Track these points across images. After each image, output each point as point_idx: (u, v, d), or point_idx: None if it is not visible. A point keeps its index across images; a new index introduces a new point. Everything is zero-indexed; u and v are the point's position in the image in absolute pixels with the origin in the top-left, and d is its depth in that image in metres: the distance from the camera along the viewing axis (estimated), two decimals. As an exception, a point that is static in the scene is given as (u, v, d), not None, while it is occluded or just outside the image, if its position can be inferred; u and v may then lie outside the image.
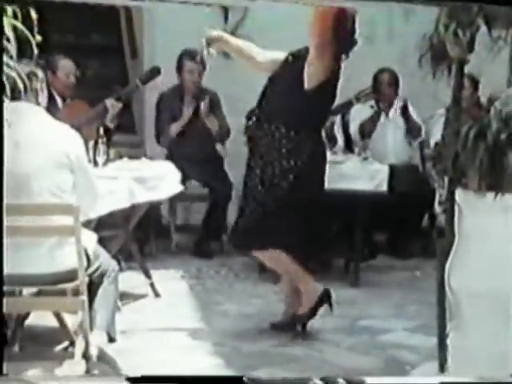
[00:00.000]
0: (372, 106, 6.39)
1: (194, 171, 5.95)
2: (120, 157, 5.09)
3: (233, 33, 6.43)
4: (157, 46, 6.59)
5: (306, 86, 4.28)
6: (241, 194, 4.61)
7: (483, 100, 3.43)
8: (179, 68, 6.18)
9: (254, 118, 4.43)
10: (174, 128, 6.16)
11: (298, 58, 4.35)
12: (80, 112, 5.56)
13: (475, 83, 6.07)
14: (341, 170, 5.44)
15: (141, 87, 5.64)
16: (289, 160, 4.29)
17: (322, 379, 3.32)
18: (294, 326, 4.45)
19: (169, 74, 6.17)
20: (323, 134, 5.80)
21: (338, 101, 5.47)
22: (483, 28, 3.37)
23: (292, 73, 4.34)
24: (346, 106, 5.94)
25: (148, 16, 6.66)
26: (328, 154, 5.72)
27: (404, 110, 6.33)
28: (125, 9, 6.83)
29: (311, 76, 4.28)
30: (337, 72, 4.39)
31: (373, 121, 6.33)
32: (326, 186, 5.11)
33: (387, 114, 6.41)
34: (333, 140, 6.06)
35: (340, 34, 4.27)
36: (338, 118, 6.15)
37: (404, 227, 6.20)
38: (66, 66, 5.72)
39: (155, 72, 5.63)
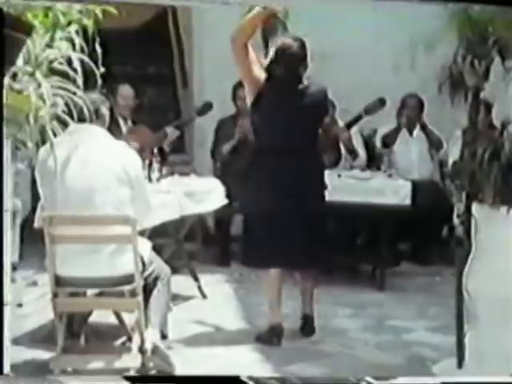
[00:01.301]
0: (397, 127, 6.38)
1: (239, 186, 5.96)
2: (172, 173, 5.14)
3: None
4: (205, 78, 6.65)
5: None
6: None
7: (496, 123, 3.43)
8: (234, 96, 6.22)
9: None
10: (226, 147, 6.20)
11: None
12: (143, 136, 5.63)
13: (489, 108, 6.00)
14: (368, 185, 5.43)
15: (195, 118, 5.74)
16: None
17: (375, 378, 3.30)
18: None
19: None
20: (342, 147, 5.80)
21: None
22: (497, 59, 3.36)
23: None
24: (357, 120, 5.90)
25: (198, 51, 6.73)
26: (356, 170, 5.75)
27: (424, 127, 6.30)
28: (177, 44, 6.92)
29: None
30: (275, 93, 4.20)
31: (395, 132, 6.29)
32: (356, 199, 5.13)
33: (411, 133, 6.37)
34: (353, 153, 6.03)
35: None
36: (355, 132, 6.08)
37: (425, 237, 6.14)
38: (124, 91, 5.84)
39: (208, 107, 5.78)
